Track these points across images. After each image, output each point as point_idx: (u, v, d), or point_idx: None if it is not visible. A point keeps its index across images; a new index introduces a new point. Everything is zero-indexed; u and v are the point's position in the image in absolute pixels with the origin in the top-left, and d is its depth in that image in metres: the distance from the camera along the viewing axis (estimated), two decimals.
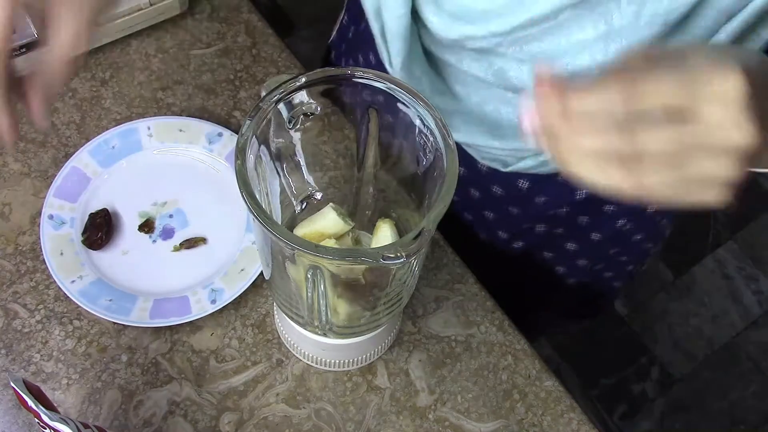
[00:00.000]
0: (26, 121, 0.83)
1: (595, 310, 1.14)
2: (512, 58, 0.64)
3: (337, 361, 0.71)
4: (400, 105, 0.57)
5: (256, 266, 0.74)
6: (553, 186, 0.77)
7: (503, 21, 0.61)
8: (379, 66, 0.74)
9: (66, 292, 0.72)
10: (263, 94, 0.57)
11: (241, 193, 0.52)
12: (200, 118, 0.83)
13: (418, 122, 0.57)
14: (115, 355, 0.72)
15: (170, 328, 0.73)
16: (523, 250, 0.92)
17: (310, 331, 0.66)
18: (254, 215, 0.51)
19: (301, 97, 0.58)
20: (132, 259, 0.76)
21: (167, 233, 0.78)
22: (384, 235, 0.62)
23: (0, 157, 0.81)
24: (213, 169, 0.81)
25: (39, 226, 0.76)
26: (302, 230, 0.63)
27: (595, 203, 0.83)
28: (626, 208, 0.84)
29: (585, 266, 0.95)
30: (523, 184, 0.78)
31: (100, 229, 0.75)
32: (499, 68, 0.66)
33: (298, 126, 0.61)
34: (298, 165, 0.64)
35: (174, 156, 0.81)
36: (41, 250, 0.74)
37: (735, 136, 0.38)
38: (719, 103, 0.38)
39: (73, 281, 0.73)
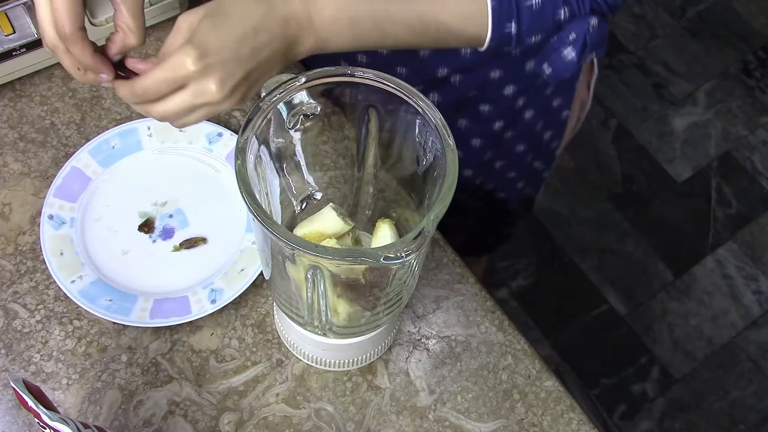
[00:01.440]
0: (26, 121, 0.83)
1: (499, 236, 1.16)
2: None
3: (337, 361, 0.71)
4: (400, 105, 0.57)
5: (256, 266, 0.74)
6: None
7: None
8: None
9: (66, 292, 0.72)
10: (263, 94, 0.57)
11: (241, 193, 0.52)
12: None
13: (418, 122, 0.57)
14: (115, 355, 0.72)
15: (170, 328, 0.73)
16: None
17: (310, 331, 0.66)
18: (254, 215, 0.51)
19: (301, 97, 0.58)
20: (132, 259, 0.76)
21: (167, 233, 0.78)
22: (384, 235, 0.62)
23: (0, 157, 0.81)
24: (213, 169, 0.81)
25: (39, 226, 0.76)
26: (302, 230, 0.63)
27: (469, 102, 0.86)
28: (502, 109, 0.87)
29: (471, 177, 0.95)
30: None
31: None
32: None
33: (298, 126, 0.61)
34: (298, 165, 0.64)
35: (174, 156, 0.81)
36: (41, 250, 0.74)
37: (206, 96, 0.58)
38: (196, 90, 0.58)
39: (73, 281, 0.73)
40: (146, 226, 0.77)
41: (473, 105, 0.88)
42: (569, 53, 0.70)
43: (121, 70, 0.61)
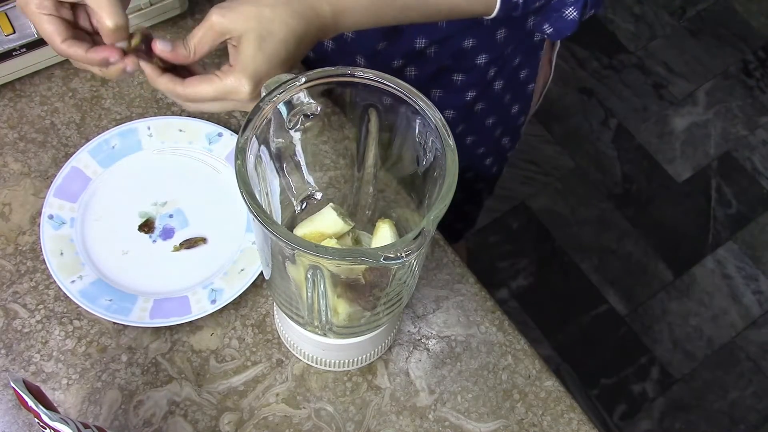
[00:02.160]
0: (26, 121, 0.83)
1: (468, 221, 1.20)
2: None
3: (337, 361, 0.71)
4: (400, 105, 0.57)
5: (256, 266, 0.74)
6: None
7: None
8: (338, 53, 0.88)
9: (66, 292, 0.72)
10: (263, 94, 0.57)
11: (241, 193, 0.52)
12: (200, 118, 0.83)
13: (418, 122, 0.57)
14: (115, 355, 0.72)
15: (170, 328, 0.73)
16: None
17: (310, 331, 0.66)
18: (254, 215, 0.51)
19: (301, 97, 0.58)
20: (132, 259, 0.76)
21: (167, 233, 0.78)
22: (384, 235, 0.62)
23: (0, 157, 0.81)
24: (213, 169, 0.81)
25: (39, 226, 0.76)
26: (302, 230, 0.63)
27: (444, 71, 0.90)
28: (474, 79, 0.91)
29: (452, 121, 0.97)
30: None
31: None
32: None
33: (298, 126, 0.60)
34: (298, 165, 0.64)
35: (174, 156, 0.81)
36: (41, 250, 0.74)
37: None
38: (239, 103, 0.63)
39: (73, 281, 0.73)
40: (146, 226, 0.77)
41: (447, 74, 0.91)
42: (571, 13, 0.74)
43: (149, 54, 0.63)
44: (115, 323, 0.73)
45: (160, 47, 0.62)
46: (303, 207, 0.66)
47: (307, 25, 0.62)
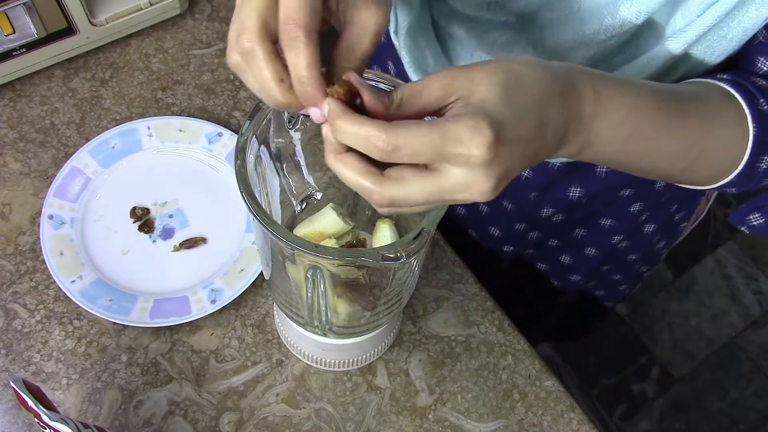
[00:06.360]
0: (26, 121, 0.83)
1: (587, 328, 1.16)
2: (523, 29, 0.63)
3: (337, 361, 0.71)
4: None
5: (256, 266, 0.74)
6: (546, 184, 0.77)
7: None
8: (399, 76, 0.69)
9: (66, 292, 0.72)
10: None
11: (241, 193, 0.52)
12: (200, 118, 0.83)
13: None
14: (115, 355, 0.72)
15: (170, 328, 0.73)
16: (516, 256, 0.92)
17: (310, 331, 0.66)
18: (254, 215, 0.51)
19: None
20: (132, 259, 0.76)
21: (167, 233, 0.78)
22: (384, 235, 0.62)
23: (0, 157, 0.81)
24: (213, 169, 0.81)
25: (39, 226, 0.76)
26: (302, 230, 0.63)
27: (592, 215, 0.83)
28: (624, 225, 0.85)
29: (578, 281, 0.95)
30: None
31: None
32: (507, 40, 0.64)
33: (298, 126, 0.60)
34: (298, 165, 0.64)
35: (174, 156, 0.81)
36: (41, 250, 0.74)
37: (475, 196, 0.41)
38: (462, 166, 0.40)
39: (73, 281, 0.73)
40: (146, 226, 0.77)
41: (595, 219, 0.84)
42: None
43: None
44: (115, 323, 0.73)
45: (357, 83, 0.42)
46: (303, 207, 0.66)
47: (563, 101, 0.44)
